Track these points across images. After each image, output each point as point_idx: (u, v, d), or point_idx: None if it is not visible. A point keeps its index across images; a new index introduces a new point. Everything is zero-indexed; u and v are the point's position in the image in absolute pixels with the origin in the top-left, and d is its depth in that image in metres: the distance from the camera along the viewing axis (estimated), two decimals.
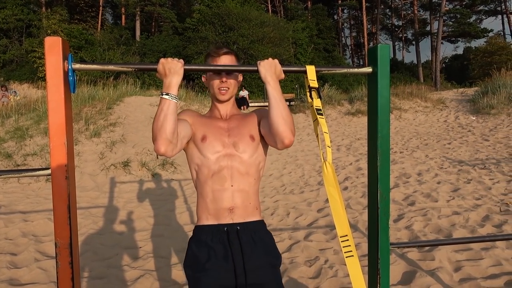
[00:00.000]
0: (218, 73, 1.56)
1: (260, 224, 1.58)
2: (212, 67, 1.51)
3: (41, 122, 8.03)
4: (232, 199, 1.49)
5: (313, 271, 3.11)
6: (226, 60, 1.58)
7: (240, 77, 1.68)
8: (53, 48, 1.34)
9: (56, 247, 1.37)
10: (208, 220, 1.51)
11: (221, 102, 1.63)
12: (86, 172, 6.20)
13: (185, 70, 1.44)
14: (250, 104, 18.16)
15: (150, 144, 7.26)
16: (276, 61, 1.49)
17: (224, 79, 1.57)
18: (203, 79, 1.70)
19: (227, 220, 1.49)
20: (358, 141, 9.85)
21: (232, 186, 1.50)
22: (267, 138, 1.56)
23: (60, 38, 1.35)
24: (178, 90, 1.43)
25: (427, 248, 3.36)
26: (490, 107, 11.91)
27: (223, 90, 1.58)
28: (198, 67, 1.56)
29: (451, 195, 5.00)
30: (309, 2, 43.42)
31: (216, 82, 1.58)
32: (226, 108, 1.64)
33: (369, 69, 1.59)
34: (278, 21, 30.85)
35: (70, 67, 1.37)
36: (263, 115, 1.60)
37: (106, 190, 5.68)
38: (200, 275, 1.46)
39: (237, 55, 1.66)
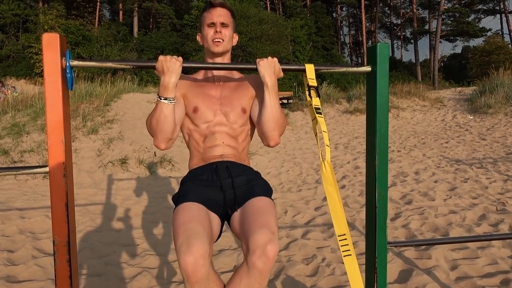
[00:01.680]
0: (213, 25, 1.58)
1: (251, 167, 1.61)
2: (210, 65, 1.50)
3: (38, 118, 8.00)
4: (223, 150, 1.56)
5: (311, 269, 3.12)
6: (221, 12, 1.60)
7: (236, 37, 1.68)
8: (50, 44, 1.33)
9: (54, 245, 1.37)
10: (198, 164, 1.56)
11: (215, 56, 1.62)
12: (83, 169, 6.18)
13: (183, 68, 1.44)
14: None
15: (147, 141, 7.24)
16: (275, 60, 1.49)
17: (218, 29, 1.58)
18: (198, 37, 1.70)
19: (217, 160, 1.54)
20: (356, 139, 9.86)
21: (223, 142, 1.56)
22: (255, 126, 1.59)
23: (58, 35, 1.34)
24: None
25: (423, 246, 3.37)
26: (487, 107, 11.94)
27: (217, 40, 1.58)
28: (196, 65, 1.55)
29: (448, 194, 5.02)
30: (308, 0, 43.36)
31: (210, 33, 1.59)
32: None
33: (368, 68, 1.59)
34: (277, 19, 30.79)
35: (68, 64, 1.37)
36: (258, 94, 1.60)
37: (103, 187, 5.66)
38: (186, 191, 1.49)
39: (232, 11, 1.66)
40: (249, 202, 1.42)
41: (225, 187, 1.47)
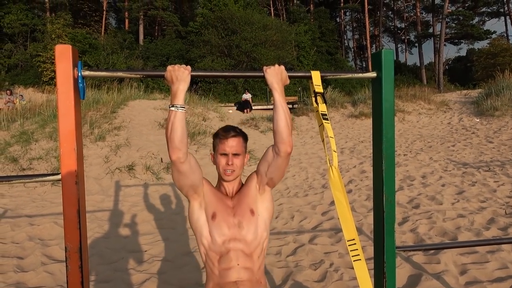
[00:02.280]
0: (226, 155, 1.62)
1: None
2: (219, 73, 1.53)
3: (46, 126, 8.08)
4: (238, 274, 1.53)
5: (318, 275, 3.12)
6: (233, 142, 1.62)
7: (247, 158, 1.71)
8: (63, 55, 1.37)
9: (66, 251, 1.39)
10: None
11: (226, 182, 1.67)
12: (91, 176, 6.23)
13: (192, 77, 1.47)
14: (253, 107, 18.16)
15: (154, 147, 7.29)
16: (282, 67, 1.52)
17: (230, 162, 1.61)
18: (211, 157, 1.74)
19: None
20: (362, 143, 9.84)
21: (238, 264, 1.54)
22: (269, 166, 1.58)
23: (70, 46, 1.38)
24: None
25: (432, 251, 3.35)
26: (494, 109, 11.87)
27: (229, 171, 1.63)
28: (204, 73, 1.58)
29: (455, 197, 4.99)
30: (311, 5, 43.53)
31: (223, 163, 1.63)
32: (232, 187, 1.69)
33: (373, 74, 1.61)
34: (281, 24, 30.94)
35: (79, 74, 1.40)
36: (258, 169, 1.64)
37: (111, 193, 5.71)
38: None
39: (244, 136, 1.69)
40: None
41: None
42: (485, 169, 6.44)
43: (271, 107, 19.22)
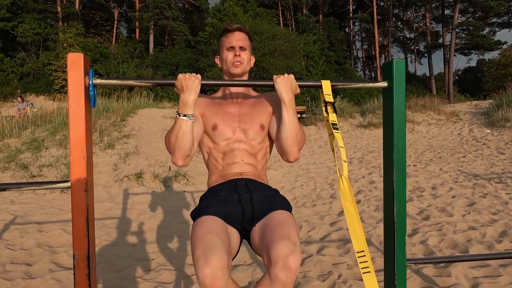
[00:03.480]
0: (232, 48, 1.62)
1: (269, 186, 1.63)
2: (227, 82, 1.53)
3: (57, 133, 8.18)
4: (242, 167, 1.57)
5: (327, 286, 3.07)
6: (239, 36, 1.64)
7: (253, 59, 1.72)
8: (75, 64, 1.38)
9: (74, 259, 1.39)
10: (218, 182, 1.58)
11: (234, 77, 1.65)
12: (99, 184, 6.26)
13: (202, 85, 1.47)
14: None
15: (162, 156, 7.32)
16: (292, 76, 1.52)
17: (237, 53, 1.62)
18: (216, 60, 1.74)
19: (236, 177, 1.55)
20: (371, 154, 9.77)
21: (242, 160, 1.58)
22: (274, 142, 1.62)
23: (82, 55, 1.39)
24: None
25: (443, 264, 3.29)
26: (505, 120, 11.73)
27: (237, 63, 1.62)
28: (214, 82, 1.58)
29: (466, 209, 4.91)
30: (320, 15, 43.79)
31: (230, 56, 1.64)
32: (238, 88, 1.68)
33: (384, 84, 1.60)
34: (290, 34, 31.12)
35: (91, 83, 1.41)
36: (275, 110, 1.63)
37: (119, 201, 5.72)
38: (205, 206, 1.48)
39: (249, 34, 1.71)
40: (268, 216, 1.43)
41: (244, 201, 1.48)
42: (497, 180, 6.34)
43: None
